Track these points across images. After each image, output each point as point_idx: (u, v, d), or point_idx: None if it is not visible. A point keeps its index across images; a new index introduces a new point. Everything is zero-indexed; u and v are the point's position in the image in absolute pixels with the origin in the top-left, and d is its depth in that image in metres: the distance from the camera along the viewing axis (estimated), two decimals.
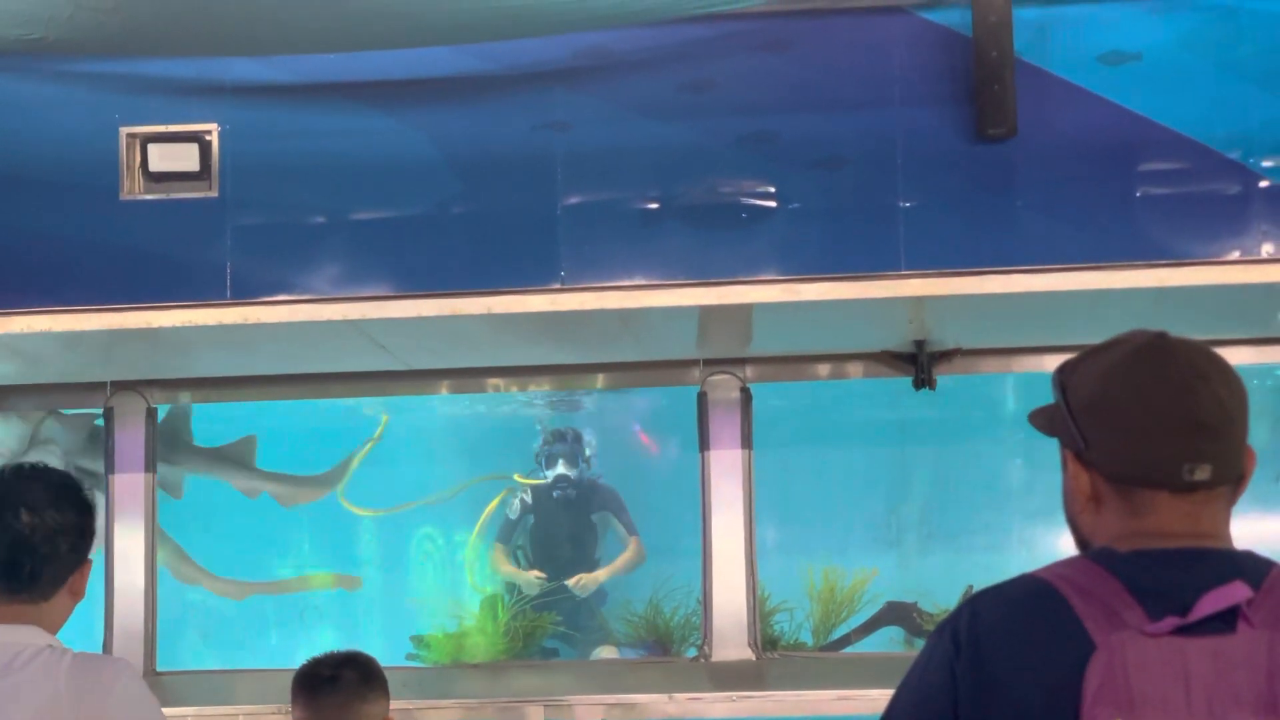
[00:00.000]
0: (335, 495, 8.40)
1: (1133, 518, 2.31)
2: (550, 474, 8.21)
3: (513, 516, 8.41)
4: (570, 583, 7.95)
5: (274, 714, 5.69)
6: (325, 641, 4.45)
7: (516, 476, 8.52)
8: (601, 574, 8.12)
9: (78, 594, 3.25)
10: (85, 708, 3.02)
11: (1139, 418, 2.28)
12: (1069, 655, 2.17)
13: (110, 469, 6.25)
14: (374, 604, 9.23)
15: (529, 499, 8.30)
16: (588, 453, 8.43)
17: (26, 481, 3.21)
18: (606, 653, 6.85)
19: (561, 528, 8.24)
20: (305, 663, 4.09)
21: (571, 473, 8.19)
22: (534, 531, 8.29)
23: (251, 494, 7.43)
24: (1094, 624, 2.18)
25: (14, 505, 3.16)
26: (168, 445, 6.77)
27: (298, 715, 3.96)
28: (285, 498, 7.62)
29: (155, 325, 5.37)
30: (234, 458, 7.34)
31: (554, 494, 8.21)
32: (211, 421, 7.29)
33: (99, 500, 6.42)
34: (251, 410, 7.17)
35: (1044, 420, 2.43)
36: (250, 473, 7.41)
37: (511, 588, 7.92)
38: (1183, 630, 2.15)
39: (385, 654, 4.90)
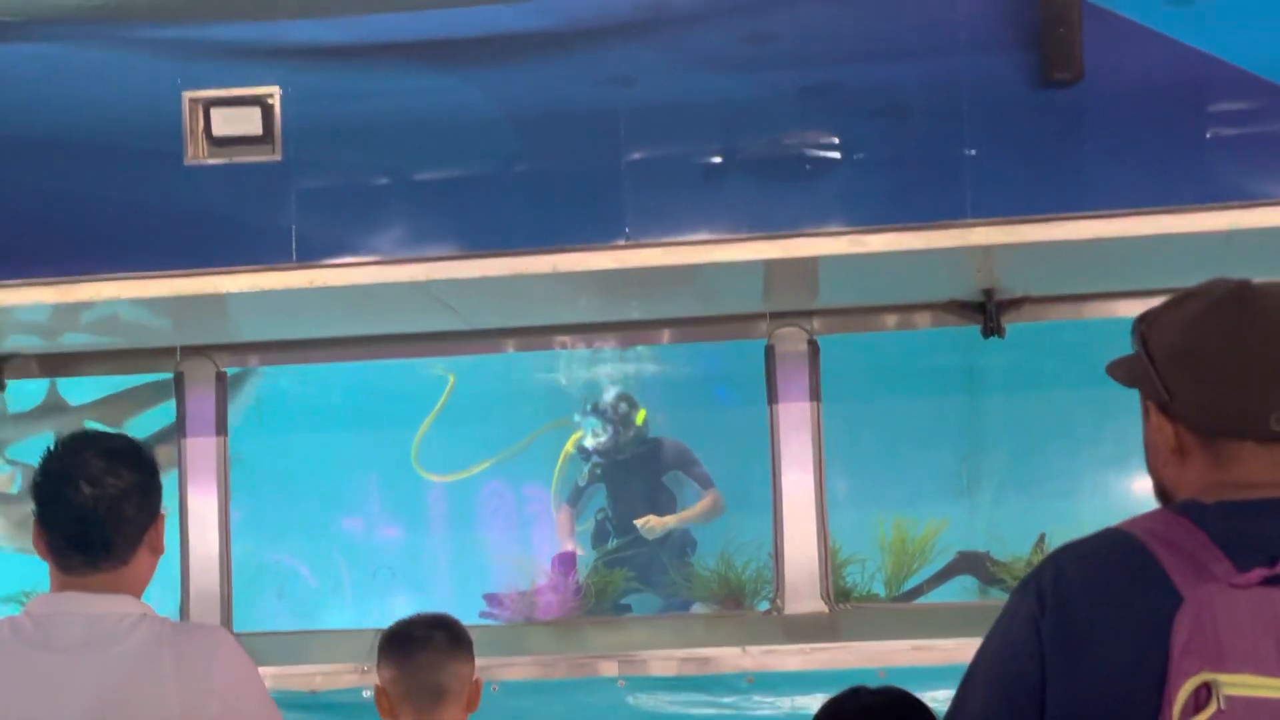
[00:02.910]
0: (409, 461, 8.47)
1: (1218, 469, 2.29)
2: (592, 443, 8.35)
3: (581, 484, 8.48)
4: (638, 523, 8.02)
5: (349, 673, 5.71)
6: (398, 603, 4.46)
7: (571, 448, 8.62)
8: (670, 519, 8.15)
9: (157, 550, 3.30)
10: (187, 676, 3.08)
11: (1224, 368, 2.25)
12: (1156, 609, 2.15)
13: (182, 433, 6.29)
14: (446, 562, 9.30)
15: (597, 469, 8.40)
16: (637, 417, 8.42)
17: (83, 452, 3.23)
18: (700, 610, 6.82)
19: (633, 492, 8.29)
20: (395, 623, 4.12)
21: (606, 442, 8.30)
22: (611, 498, 8.38)
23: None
24: (1181, 577, 2.16)
25: (74, 478, 3.18)
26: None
27: (387, 675, 3.97)
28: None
29: (222, 290, 5.39)
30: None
31: (617, 457, 8.31)
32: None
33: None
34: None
35: (1124, 372, 2.40)
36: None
37: (598, 537, 8.01)
38: (1271, 581, 2.13)
39: (457, 612, 4.91)
